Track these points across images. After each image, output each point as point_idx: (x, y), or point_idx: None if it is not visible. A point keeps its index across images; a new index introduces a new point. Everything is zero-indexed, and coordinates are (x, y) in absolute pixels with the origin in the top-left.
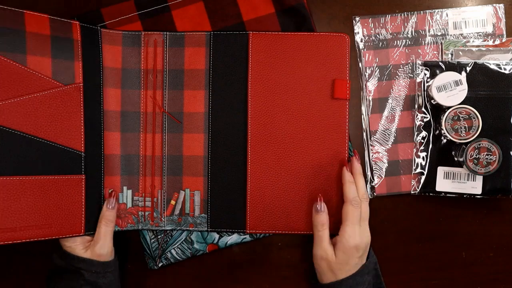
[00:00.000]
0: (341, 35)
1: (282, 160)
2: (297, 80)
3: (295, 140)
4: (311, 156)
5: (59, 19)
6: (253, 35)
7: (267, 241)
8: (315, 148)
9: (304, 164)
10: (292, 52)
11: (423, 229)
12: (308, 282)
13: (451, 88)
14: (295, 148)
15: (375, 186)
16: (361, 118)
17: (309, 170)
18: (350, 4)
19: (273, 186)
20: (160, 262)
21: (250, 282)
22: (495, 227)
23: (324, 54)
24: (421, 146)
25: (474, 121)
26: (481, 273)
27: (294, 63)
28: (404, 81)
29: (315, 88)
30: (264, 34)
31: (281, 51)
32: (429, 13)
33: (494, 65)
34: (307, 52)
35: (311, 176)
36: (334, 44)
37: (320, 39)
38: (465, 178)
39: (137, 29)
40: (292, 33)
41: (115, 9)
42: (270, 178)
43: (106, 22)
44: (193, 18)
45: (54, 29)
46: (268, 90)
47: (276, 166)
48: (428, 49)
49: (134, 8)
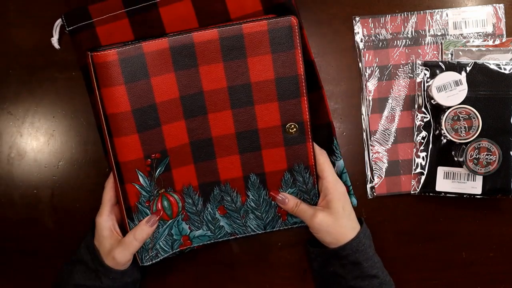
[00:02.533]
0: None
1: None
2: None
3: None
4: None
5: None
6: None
7: (267, 241)
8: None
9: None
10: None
11: (423, 229)
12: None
13: (451, 88)
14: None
15: (375, 186)
16: (361, 118)
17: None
18: (350, 4)
19: None
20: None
21: (250, 282)
22: (495, 227)
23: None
24: (421, 146)
25: (474, 121)
26: (481, 273)
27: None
28: (404, 81)
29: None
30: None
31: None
32: (429, 13)
33: (494, 65)
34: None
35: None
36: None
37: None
38: (465, 178)
39: (124, 26)
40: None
41: (102, 6)
42: None
43: (93, 20)
44: (181, 16)
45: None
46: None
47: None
48: (428, 49)
49: (121, 5)
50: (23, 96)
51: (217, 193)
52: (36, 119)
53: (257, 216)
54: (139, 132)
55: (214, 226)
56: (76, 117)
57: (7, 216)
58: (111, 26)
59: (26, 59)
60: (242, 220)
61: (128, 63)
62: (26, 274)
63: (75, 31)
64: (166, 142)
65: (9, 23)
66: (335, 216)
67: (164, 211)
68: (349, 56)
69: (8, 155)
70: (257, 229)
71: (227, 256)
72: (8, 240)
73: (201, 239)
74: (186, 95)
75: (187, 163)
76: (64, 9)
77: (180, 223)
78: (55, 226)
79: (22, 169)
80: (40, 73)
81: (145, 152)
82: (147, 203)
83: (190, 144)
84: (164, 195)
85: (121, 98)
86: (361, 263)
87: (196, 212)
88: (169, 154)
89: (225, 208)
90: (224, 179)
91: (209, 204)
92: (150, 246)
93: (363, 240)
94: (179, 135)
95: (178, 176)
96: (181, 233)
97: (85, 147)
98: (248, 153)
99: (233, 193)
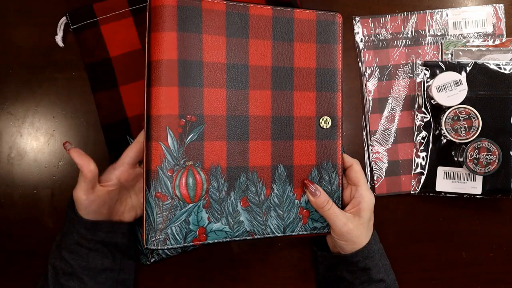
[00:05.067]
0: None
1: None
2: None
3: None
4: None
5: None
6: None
7: (267, 241)
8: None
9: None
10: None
11: (423, 229)
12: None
13: (451, 88)
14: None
15: (375, 186)
16: (361, 118)
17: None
18: (350, 4)
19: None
20: (152, 257)
21: (250, 281)
22: (495, 227)
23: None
24: (421, 146)
25: (474, 121)
26: (481, 273)
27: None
28: (404, 81)
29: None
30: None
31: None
32: (429, 13)
33: (494, 65)
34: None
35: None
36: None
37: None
38: (465, 178)
39: (129, 24)
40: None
41: (107, 4)
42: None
43: (98, 18)
44: None
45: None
46: None
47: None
48: (428, 49)
49: (126, 3)
50: (23, 96)
51: (243, 181)
52: (36, 119)
53: (279, 215)
54: (179, 86)
55: (234, 220)
56: (76, 117)
57: (7, 216)
58: (115, 24)
59: (26, 59)
60: (263, 217)
61: (185, 11)
62: (26, 274)
63: (79, 29)
64: (205, 107)
65: (9, 23)
66: (363, 227)
67: (187, 191)
68: (349, 56)
69: (8, 155)
70: (277, 230)
71: (227, 256)
72: (8, 240)
73: (218, 234)
74: (233, 63)
75: (221, 138)
76: (64, 9)
77: (201, 210)
78: (55, 226)
79: (22, 169)
80: (40, 73)
81: (181, 110)
82: (170, 171)
83: (226, 117)
84: (191, 169)
85: (170, 44)
86: (370, 269)
87: (218, 200)
88: (205, 122)
89: (248, 200)
90: (252, 166)
91: (233, 192)
92: (160, 227)
93: (373, 247)
94: (219, 104)
95: (209, 151)
96: (198, 223)
97: (85, 147)
98: (280, 141)
99: (258, 184)
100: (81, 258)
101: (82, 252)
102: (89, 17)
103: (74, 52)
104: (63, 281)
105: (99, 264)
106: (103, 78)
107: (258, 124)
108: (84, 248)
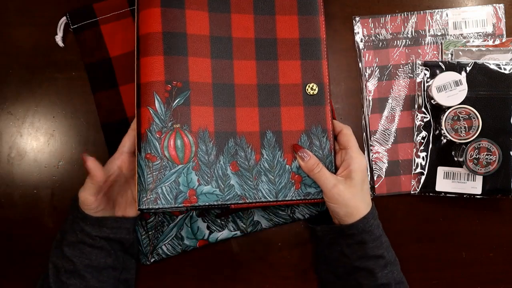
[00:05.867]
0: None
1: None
2: None
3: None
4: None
5: None
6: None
7: (267, 241)
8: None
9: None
10: None
11: (423, 229)
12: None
13: (451, 88)
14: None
15: (375, 186)
16: (361, 118)
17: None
18: (350, 4)
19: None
20: (152, 257)
21: (250, 281)
22: (495, 227)
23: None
24: (421, 146)
25: (474, 121)
26: (481, 273)
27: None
28: (404, 81)
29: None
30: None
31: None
32: (429, 13)
33: (494, 65)
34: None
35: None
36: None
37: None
38: (465, 178)
39: (129, 24)
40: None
41: (107, 5)
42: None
43: (98, 18)
44: None
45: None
46: None
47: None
48: (428, 49)
49: (126, 3)
50: (23, 96)
51: (232, 146)
52: (36, 119)
53: (270, 179)
54: (165, 55)
55: (224, 184)
56: (76, 117)
57: (7, 216)
58: (115, 24)
59: (26, 59)
60: (254, 181)
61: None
62: (26, 274)
63: (79, 29)
64: (190, 74)
65: (9, 23)
66: (355, 189)
67: (176, 152)
68: (349, 56)
69: (8, 155)
70: (269, 195)
71: (227, 256)
72: (8, 240)
73: (208, 197)
74: (216, 36)
75: (207, 103)
76: (64, 9)
77: (190, 172)
78: (55, 226)
79: (22, 169)
80: (40, 73)
81: (167, 76)
82: (159, 133)
83: (212, 85)
84: (179, 132)
85: (154, 18)
86: (367, 243)
87: (208, 163)
88: (191, 88)
89: (237, 165)
90: (240, 131)
91: (222, 156)
92: (151, 187)
93: (370, 221)
94: (204, 72)
95: (196, 116)
96: (188, 184)
97: (85, 147)
98: (267, 107)
99: (247, 149)
100: (84, 256)
101: (86, 249)
102: (89, 17)
103: (74, 52)
104: (64, 279)
105: (102, 262)
106: (103, 78)
107: (244, 91)
108: (87, 246)
